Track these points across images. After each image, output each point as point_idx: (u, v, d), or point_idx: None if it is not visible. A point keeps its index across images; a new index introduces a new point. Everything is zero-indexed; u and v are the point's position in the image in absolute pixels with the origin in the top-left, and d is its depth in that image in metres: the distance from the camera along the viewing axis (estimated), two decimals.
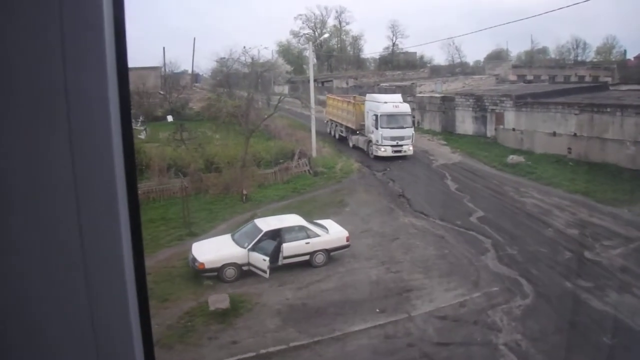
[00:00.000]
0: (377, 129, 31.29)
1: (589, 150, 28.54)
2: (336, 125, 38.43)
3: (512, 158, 30.09)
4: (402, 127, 31.54)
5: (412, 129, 32.33)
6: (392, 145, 31.20)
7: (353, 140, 34.91)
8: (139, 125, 36.79)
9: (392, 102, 32.16)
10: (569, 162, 28.87)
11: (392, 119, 31.41)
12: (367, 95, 35.63)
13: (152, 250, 17.83)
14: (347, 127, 36.20)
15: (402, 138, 31.39)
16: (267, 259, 16.50)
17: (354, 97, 40.41)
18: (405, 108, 32.43)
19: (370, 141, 32.37)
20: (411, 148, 31.67)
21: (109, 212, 1.70)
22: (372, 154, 32.09)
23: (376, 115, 31.31)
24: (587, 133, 28.90)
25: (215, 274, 16.60)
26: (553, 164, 28.93)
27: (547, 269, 16.70)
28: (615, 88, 44.14)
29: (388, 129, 31.09)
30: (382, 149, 31.21)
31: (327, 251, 17.61)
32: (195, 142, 32.02)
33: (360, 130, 34.27)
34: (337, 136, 38.22)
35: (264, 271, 16.42)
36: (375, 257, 18.11)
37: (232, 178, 25.58)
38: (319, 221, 19.12)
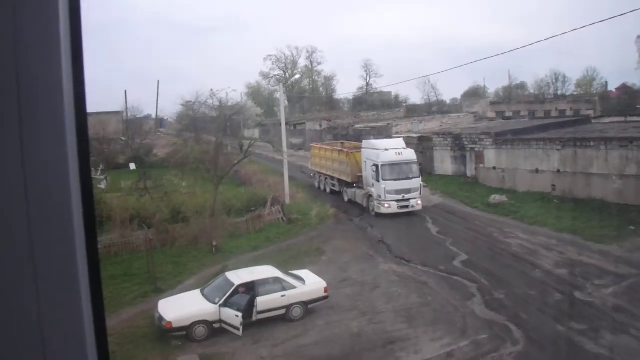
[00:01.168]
0: (378, 181, 28.78)
1: (574, 186, 29.10)
2: (326, 178, 36.41)
3: (495, 198, 30.53)
4: (408, 178, 29.03)
5: (420, 179, 29.59)
6: (397, 200, 28.60)
7: (349, 194, 32.76)
8: (99, 174, 36.47)
9: (394, 149, 29.61)
10: (554, 200, 29.37)
11: (396, 169, 29.01)
12: (364, 141, 33.13)
13: (114, 309, 17.43)
14: (340, 180, 34.10)
15: (408, 191, 28.82)
16: (240, 314, 16.25)
17: (342, 143, 40.05)
18: (410, 155, 29.98)
19: (370, 196, 29.94)
20: (420, 202, 29.13)
21: (67, 270, 1.71)
22: (373, 210, 29.62)
23: (376, 166, 28.88)
24: (571, 168, 29.56)
25: (184, 333, 16.23)
26: (537, 202, 29.39)
27: (537, 312, 16.74)
28: (598, 121, 45.53)
29: (392, 181, 28.59)
30: (386, 205, 28.62)
31: (305, 304, 17.42)
32: (161, 191, 31.80)
33: (357, 182, 32.06)
34: (328, 190, 36.08)
35: (237, 328, 16.15)
36: (356, 307, 17.96)
37: (200, 228, 25.38)
38: (294, 272, 18.98)
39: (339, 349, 15.39)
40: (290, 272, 18.85)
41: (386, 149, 29.40)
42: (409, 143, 44.21)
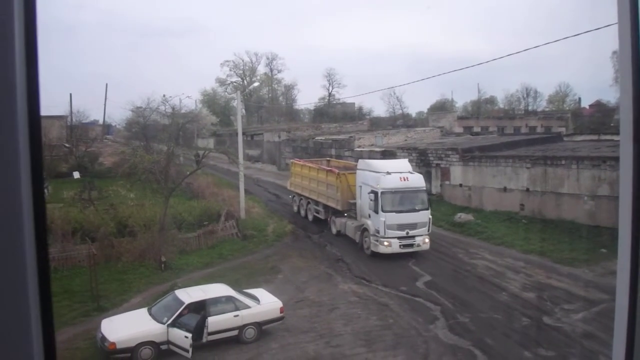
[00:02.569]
0: (377, 212, 24.85)
1: (544, 206, 29.67)
2: (308, 202, 33.21)
3: (460, 216, 31.02)
4: (414, 210, 25.04)
5: (429, 211, 25.60)
6: (400, 237, 24.68)
7: (337, 225, 29.30)
8: None
9: (398, 173, 25.44)
10: (522, 220, 29.93)
11: (400, 198, 25.03)
12: (360, 162, 28.71)
13: None
14: (326, 207, 30.74)
15: (414, 226, 24.84)
16: (190, 335, 16.09)
17: (329, 161, 37.86)
18: (418, 181, 25.79)
19: (365, 230, 26.00)
20: (427, 240, 25.15)
21: (15, 281, 1.75)
22: (368, 248, 25.75)
23: (375, 193, 24.94)
24: (541, 188, 30.17)
25: (129, 355, 15.93)
26: (505, 222, 29.93)
27: (503, 337, 16.98)
28: (570, 139, 46.69)
29: (394, 213, 24.65)
30: (385, 243, 24.60)
31: (259, 324, 17.34)
32: (106, 202, 31.37)
33: (348, 211, 28.72)
34: (310, 217, 33.10)
35: (186, 350, 15.96)
36: (313, 329, 17.94)
37: (148, 243, 25.05)
38: (249, 291, 18.90)
39: None
40: (244, 290, 18.76)
41: (388, 173, 25.19)
42: (371, 157, 44.95)
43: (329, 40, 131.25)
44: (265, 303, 17.92)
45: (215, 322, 16.78)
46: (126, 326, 16.59)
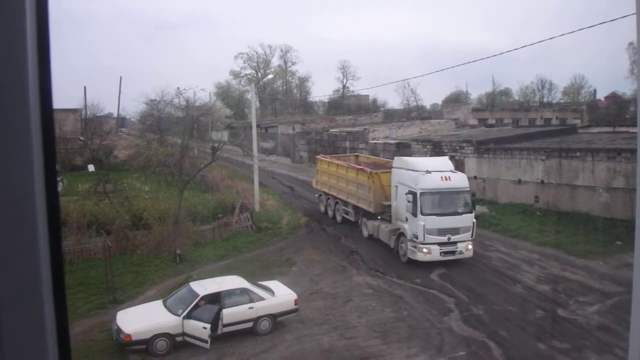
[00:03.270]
0: (415, 215, 22.55)
1: (558, 199, 29.47)
2: (336, 203, 31.09)
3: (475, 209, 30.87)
4: (457, 213, 22.82)
5: (473, 214, 23.32)
6: (440, 244, 22.42)
7: (370, 228, 26.93)
8: None
9: (438, 172, 23.16)
10: (537, 212, 29.76)
11: (442, 200, 22.87)
12: (396, 159, 26.33)
13: None
14: (357, 208, 28.47)
15: (456, 231, 22.56)
16: (208, 326, 16.19)
17: (356, 156, 35.97)
18: (461, 181, 23.57)
19: (402, 234, 23.81)
20: (471, 247, 22.87)
21: (29, 276, 1.76)
22: (404, 255, 23.55)
23: (414, 194, 22.63)
24: (556, 180, 29.92)
25: (144, 346, 16.06)
26: (519, 214, 29.78)
27: (517, 329, 16.93)
28: (585, 131, 46.22)
29: (434, 217, 22.41)
30: (425, 250, 22.31)
31: (273, 316, 17.41)
32: (121, 195, 31.53)
33: (382, 213, 26.33)
34: (338, 218, 30.98)
35: (205, 341, 16.07)
36: (327, 321, 17.99)
37: (163, 236, 25.21)
38: (263, 283, 18.96)
39: None
40: (259, 283, 18.82)
41: (428, 171, 22.90)
42: (385, 150, 44.92)
43: (342, 32, 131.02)
44: (279, 295, 17.97)
45: (230, 314, 16.85)
46: (141, 318, 16.72)
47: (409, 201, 22.83)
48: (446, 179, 23.00)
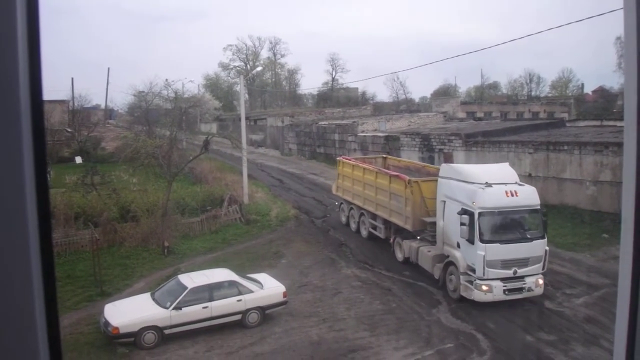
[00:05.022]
0: (472, 242, 17.65)
1: (546, 192, 29.48)
2: (362, 214, 26.39)
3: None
4: (526, 239, 17.99)
5: (545, 240, 18.25)
6: (504, 279, 17.55)
7: (406, 250, 21.89)
8: None
9: (501, 185, 18.14)
10: None
11: (507, 222, 18.23)
12: (444, 167, 21.07)
13: None
14: (387, 222, 23.70)
15: (524, 262, 17.68)
16: (209, 305, 16.58)
17: (384, 158, 30.71)
18: (531, 196, 18.33)
19: (452, 264, 18.86)
20: (541, 282, 17.97)
21: (19, 268, 1.76)
22: (455, 291, 18.63)
23: (470, 214, 17.70)
24: (543, 173, 30.06)
25: (132, 339, 16.03)
26: None
27: (505, 321, 17.05)
28: (573, 124, 46.51)
29: (497, 245, 17.53)
30: (484, 287, 17.45)
31: (262, 309, 17.42)
32: (109, 187, 31.43)
33: (421, 233, 21.48)
34: (364, 233, 26.29)
35: (207, 320, 16.55)
36: (316, 314, 18.03)
37: (151, 228, 25.14)
38: (252, 275, 18.95)
39: (298, 357, 15.43)
40: (248, 275, 18.83)
41: (488, 184, 17.90)
42: (374, 142, 44.99)
43: (332, 25, 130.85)
44: (268, 287, 17.98)
45: (218, 306, 16.86)
46: (129, 311, 16.68)
47: (463, 223, 17.71)
48: (512, 195, 17.82)
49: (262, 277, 18.88)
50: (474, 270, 17.71)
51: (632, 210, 2.24)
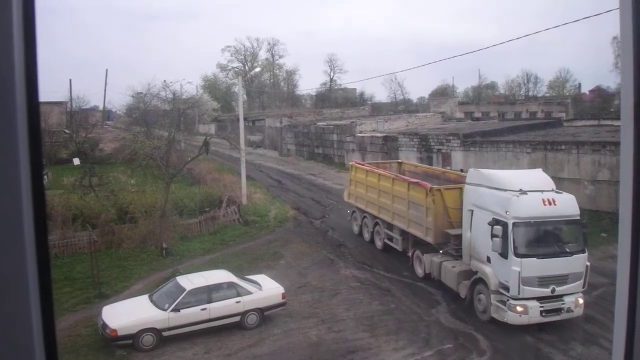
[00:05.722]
0: (505, 257, 15.93)
1: None
2: (376, 224, 24.71)
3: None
4: (566, 253, 16.24)
5: (586, 255, 16.55)
6: (540, 298, 15.81)
7: (427, 265, 20.16)
8: None
9: (537, 192, 16.41)
10: None
11: (545, 234, 16.63)
12: (471, 172, 19.13)
13: None
14: (405, 234, 22.01)
15: (564, 279, 15.96)
16: (207, 307, 16.59)
17: (400, 163, 29.21)
18: (570, 205, 16.59)
19: (480, 281, 17.21)
20: (582, 301, 16.31)
21: (15, 270, 1.76)
22: (485, 311, 16.91)
23: (503, 225, 16.00)
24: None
25: (130, 341, 15.99)
26: None
27: (504, 322, 17.05)
28: (570, 124, 46.71)
29: (534, 260, 15.81)
30: (519, 308, 15.71)
31: (261, 310, 17.40)
32: (107, 189, 31.36)
33: (444, 245, 19.64)
34: (379, 244, 24.60)
35: (205, 321, 16.54)
36: (315, 315, 18.02)
37: (149, 229, 25.10)
38: (250, 277, 18.94)
39: (297, 359, 15.40)
40: (246, 276, 18.81)
41: (523, 192, 16.17)
42: (373, 143, 45.00)
43: (330, 25, 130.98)
44: (267, 289, 17.97)
45: (217, 308, 16.84)
46: (127, 313, 16.65)
47: (495, 235, 16.00)
48: (550, 203, 16.07)
49: (260, 278, 18.87)
50: (507, 289, 15.95)
51: (629, 209, 2.25)
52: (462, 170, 28.81)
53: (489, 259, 16.62)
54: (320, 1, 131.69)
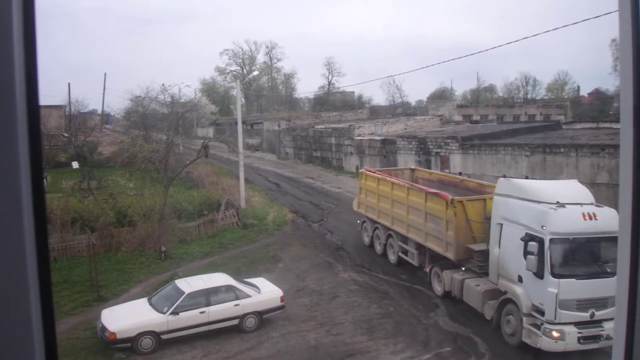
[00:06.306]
0: (541, 276, 14.49)
1: None
2: (389, 236, 23.08)
3: None
4: (607, 274, 14.17)
5: None
6: (578, 323, 14.25)
7: (446, 283, 18.49)
8: None
9: (576, 205, 14.93)
10: None
11: (584, 253, 15.13)
12: (501, 181, 17.43)
13: None
14: (422, 248, 20.52)
15: (604, 302, 14.09)
16: (206, 310, 16.57)
17: (412, 170, 27.37)
18: (611, 220, 14.16)
19: (509, 302, 15.70)
20: None
21: (15, 273, 1.76)
22: (514, 335, 15.47)
23: (539, 241, 14.63)
24: (540, 176, 29.85)
25: (129, 344, 15.98)
26: None
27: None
28: (569, 127, 46.67)
29: (573, 280, 14.32)
30: (555, 333, 14.22)
31: (259, 313, 17.39)
32: (106, 192, 31.36)
33: (466, 262, 18.16)
34: (392, 258, 22.87)
35: (204, 325, 16.52)
36: (313, 318, 18.02)
37: (148, 233, 25.07)
38: (249, 280, 18.93)
39: None
40: (245, 280, 18.81)
41: (561, 205, 14.78)
42: (371, 146, 45.00)
43: (328, 28, 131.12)
44: (265, 292, 17.96)
45: (215, 311, 16.83)
46: (126, 316, 16.64)
47: (529, 252, 14.58)
48: (590, 218, 14.49)
49: (259, 281, 18.86)
50: (541, 312, 14.52)
51: (629, 211, 2.25)
52: (460, 174, 28.49)
53: (520, 279, 15.20)
54: (318, 4, 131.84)
